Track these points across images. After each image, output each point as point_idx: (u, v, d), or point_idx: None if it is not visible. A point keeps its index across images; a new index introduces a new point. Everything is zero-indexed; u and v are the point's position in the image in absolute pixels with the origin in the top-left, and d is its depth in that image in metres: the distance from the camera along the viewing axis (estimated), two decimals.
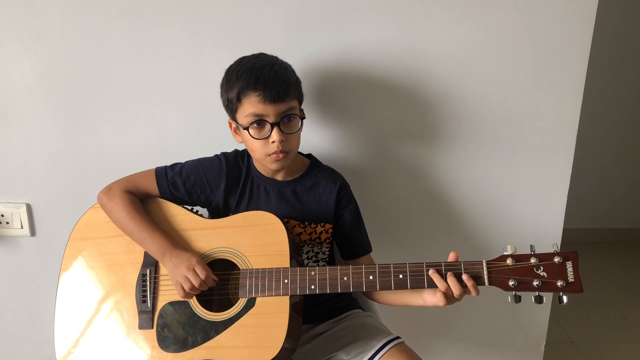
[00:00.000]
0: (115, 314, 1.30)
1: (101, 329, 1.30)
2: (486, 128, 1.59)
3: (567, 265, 1.10)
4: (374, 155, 1.62)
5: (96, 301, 1.32)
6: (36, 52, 1.52)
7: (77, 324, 1.32)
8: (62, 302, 1.34)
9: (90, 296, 1.33)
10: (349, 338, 1.36)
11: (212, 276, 1.24)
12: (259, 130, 1.26)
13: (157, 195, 1.36)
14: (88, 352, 1.30)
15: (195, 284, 1.21)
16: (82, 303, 1.33)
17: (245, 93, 1.24)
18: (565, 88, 1.55)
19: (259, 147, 1.27)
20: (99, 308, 1.31)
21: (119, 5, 1.48)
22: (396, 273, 1.17)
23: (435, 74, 1.54)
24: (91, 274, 1.34)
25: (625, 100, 3.13)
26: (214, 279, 1.24)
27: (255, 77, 1.22)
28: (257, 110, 1.23)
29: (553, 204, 1.66)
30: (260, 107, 1.23)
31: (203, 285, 1.23)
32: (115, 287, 1.32)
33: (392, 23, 1.50)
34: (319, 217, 1.37)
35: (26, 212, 1.64)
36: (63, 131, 1.58)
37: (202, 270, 1.22)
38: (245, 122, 1.26)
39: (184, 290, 1.22)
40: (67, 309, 1.34)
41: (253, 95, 1.23)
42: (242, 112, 1.26)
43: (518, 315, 1.80)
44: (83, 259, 1.35)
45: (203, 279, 1.22)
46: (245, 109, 1.25)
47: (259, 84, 1.22)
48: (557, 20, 1.49)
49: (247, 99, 1.24)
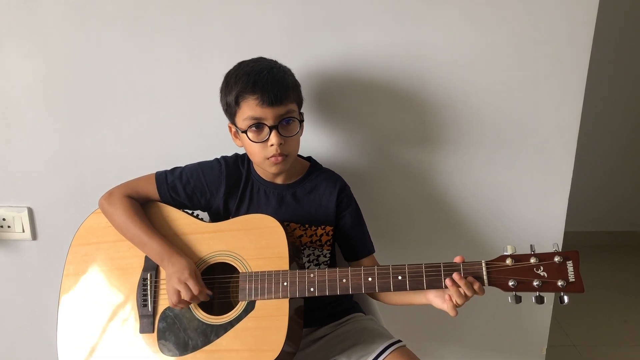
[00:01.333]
0: (116, 318, 1.31)
1: (103, 333, 1.31)
2: (487, 131, 1.59)
3: (567, 264, 1.09)
4: (375, 158, 1.62)
5: (98, 305, 1.32)
6: (38, 55, 1.52)
7: (80, 328, 1.32)
8: (64, 307, 1.35)
9: (92, 300, 1.33)
10: (350, 342, 1.36)
11: (206, 291, 1.24)
12: (258, 133, 1.26)
13: (157, 200, 1.36)
14: (90, 355, 1.30)
15: (186, 298, 1.21)
16: (84, 307, 1.33)
17: (244, 96, 1.24)
18: (566, 91, 1.56)
19: (257, 150, 1.28)
20: (100, 312, 1.32)
21: (121, 9, 1.48)
22: (395, 274, 1.17)
23: (436, 77, 1.54)
24: (93, 279, 1.34)
25: (626, 103, 3.13)
26: (208, 294, 1.24)
27: (253, 81, 1.23)
28: (255, 114, 1.24)
29: (554, 207, 1.66)
30: (258, 110, 1.23)
31: (195, 299, 1.23)
32: (117, 291, 1.32)
33: (393, 27, 1.50)
34: (320, 220, 1.37)
35: (28, 216, 1.65)
36: (65, 135, 1.59)
37: (195, 284, 1.22)
38: (243, 126, 1.26)
39: (172, 302, 1.23)
40: (70, 313, 1.34)
41: (251, 98, 1.23)
42: (240, 115, 1.26)
43: (519, 318, 1.79)
44: (85, 264, 1.35)
45: (195, 293, 1.21)
46: (244, 112, 1.25)
47: (256, 87, 1.22)
48: (558, 24, 1.50)
49: (245, 102, 1.24)
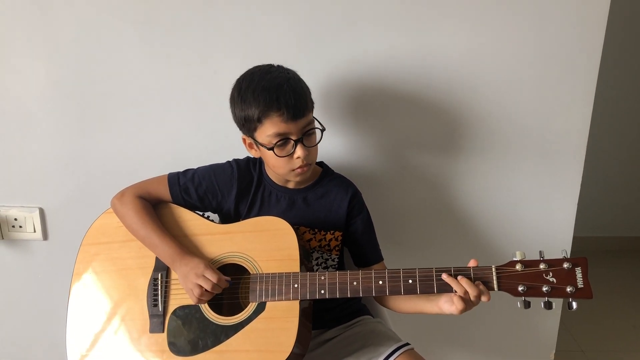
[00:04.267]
0: (127, 318, 1.31)
1: (113, 332, 1.31)
2: (497, 136, 1.59)
3: (576, 271, 1.10)
4: (384, 163, 1.62)
5: (108, 305, 1.33)
6: (50, 57, 1.54)
7: (89, 327, 1.33)
8: (74, 306, 1.35)
9: (103, 300, 1.34)
10: (358, 344, 1.36)
11: (224, 277, 1.24)
12: (283, 148, 1.25)
13: (169, 201, 1.37)
14: (100, 355, 1.31)
15: (207, 288, 1.22)
16: (94, 307, 1.34)
17: (267, 114, 1.21)
18: (576, 96, 1.56)
19: (283, 164, 1.27)
20: (111, 312, 1.33)
21: (133, 12, 1.50)
22: (405, 278, 1.17)
23: (446, 82, 1.54)
24: (103, 278, 1.35)
25: (636, 108, 3.11)
26: (227, 280, 1.25)
27: (276, 97, 1.20)
28: (280, 130, 1.22)
29: (563, 211, 1.66)
30: (283, 127, 1.22)
31: (216, 288, 1.24)
32: (127, 291, 1.33)
33: (403, 32, 1.51)
34: (329, 225, 1.38)
35: (39, 216, 1.66)
36: (76, 136, 1.60)
37: (213, 274, 1.23)
38: (268, 142, 1.24)
39: (196, 296, 1.24)
40: (80, 312, 1.35)
41: (275, 115, 1.21)
42: (262, 131, 1.24)
43: (528, 323, 1.79)
44: (96, 263, 1.36)
45: (215, 282, 1.22)
46: (267, 129, 1.23)
47: (280, 104, 1.20)
48: (568, 28, 1.50)
49: (269, 119, 1.22)
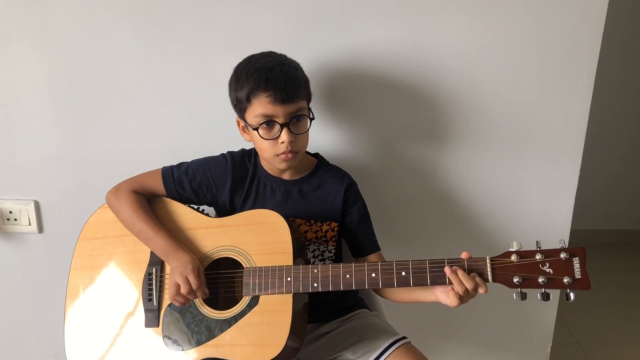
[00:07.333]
0: (122, 312, 1.32)
1: (109, 326, 1.31)
2: (494, 129, 1.59)
3: (573, 261, 1.08)
4: (381, 155, 1.62)
5: (104, 299, 1.33)
6: (45, 51, 1.53)
7: (86, 321, 1.33)
8: (71, 300, 1.35)
9: (99, 294, 1.34)
10: (355, 338, 1.36)
11: (205, 289, 1.24)
12: (269, 130, 1.26)
13: (163, 195, 1.37)
14: (96, 349, 1.31)
15: (183, 292, 1.22)
16: (91, 301, 1.34)
17: (255, 94, 1.23)
18: (574, 89, 1.55)
19: (268, 147, 1.27)
20: (107, 306, 1.33)
21: (128, 5, 1.49)
22: (399, 270, 1.16)
23: (444, 75, 1.54)
24: (99, 273, 1.35)
25: (634, 101, 3.12)
26: (205, 292, 1.24)
27: (265, 78, 1.22)
28: (267, 111, 1.23)
29: (561, 205, 1.66)
30: (270, 108, 1.23)
31: (191, 294, 1.23)
32: (123, 285, 1.33)
33: (400, 23, 1.50)
34: (325, 216, 1.37)
35: (34, 209, 1.66)
36: (71, 130, 1.60)
37: (195, 279, 1.22)
38: (254, 123, 1.26)
39: (170, 294, 1.23)
40: (76, 306, 1.35)
41: (263, 95, 1.22)
42: (251, 112, 1.26)
43: (524, 316, 1.79)
44: (92, 258, 1.36)
45: (193, 287, 1.22)
46: (255, 109, 1.25)
47: (269, 85, 1.22)
48: (567, 22, 1.49)
49: (256, 99, 1.24)
